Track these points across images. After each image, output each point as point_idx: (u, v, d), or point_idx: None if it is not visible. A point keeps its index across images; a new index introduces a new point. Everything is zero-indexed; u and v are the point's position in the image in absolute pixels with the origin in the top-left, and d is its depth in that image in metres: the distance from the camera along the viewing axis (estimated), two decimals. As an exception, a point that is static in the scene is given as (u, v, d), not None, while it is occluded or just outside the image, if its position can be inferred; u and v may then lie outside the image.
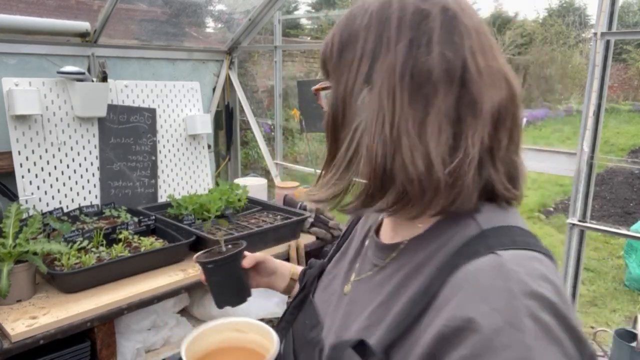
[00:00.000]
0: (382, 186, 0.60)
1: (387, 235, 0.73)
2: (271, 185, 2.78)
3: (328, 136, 0.68)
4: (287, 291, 1.09)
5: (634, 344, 1.93)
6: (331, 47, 0.66)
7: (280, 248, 2.04)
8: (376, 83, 0.60)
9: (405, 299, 0.61)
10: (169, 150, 2.54)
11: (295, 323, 0.83)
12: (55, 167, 2.11)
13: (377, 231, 0.76)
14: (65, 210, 2.02)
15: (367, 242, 0.78)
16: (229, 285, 1.02)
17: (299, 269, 1.08)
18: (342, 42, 0.65)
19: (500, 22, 17.52)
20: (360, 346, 0.62)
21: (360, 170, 0.61)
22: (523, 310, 0.49)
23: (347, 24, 0.65)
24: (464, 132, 0.58)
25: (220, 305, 1.04)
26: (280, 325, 0.85)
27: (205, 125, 2.63)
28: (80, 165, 2.20)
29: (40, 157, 2.06)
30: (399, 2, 0.61)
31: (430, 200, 0.59)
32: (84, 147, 2.21)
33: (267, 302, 1.95)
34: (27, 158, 2.03)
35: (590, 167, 1.72)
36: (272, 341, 0.78)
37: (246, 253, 1.07)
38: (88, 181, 2.22)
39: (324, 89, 0.71)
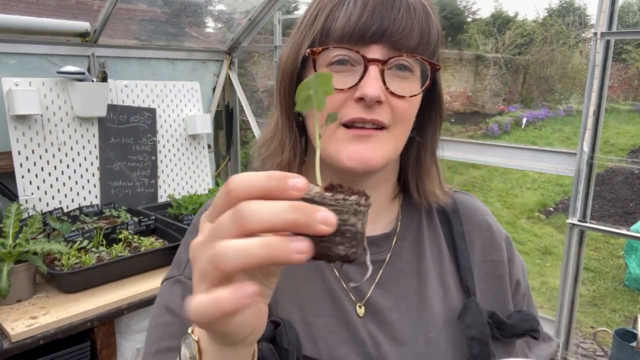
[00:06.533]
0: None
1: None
2: (271, 185, 2.77)
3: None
4: None
5: (634, 344, 1.93)
6: (437, 39, 0.63)
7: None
8: None
9: (450, 257, 0.72)
10: (169, 150, 2.54)
11: None
12: (55, 167, 2.11)
13: None
14: (65, 210, 2.02)
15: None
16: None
17: None
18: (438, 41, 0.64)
19: (500, 22, 17.52)
20: (493, 316, 0.67)
21: None
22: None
23: (435, 23, 0.63)
24: None
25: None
26: None
27: (205, 125, 2.63)
28: (80, 165, 2.19)
29: (40, 157, 2.06)
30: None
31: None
32: (84, 147, 2.21)
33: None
34: (27, 158, 2.03)
35: (590, 167, 1.72)
36: None
37: None
38: (88, 181, 2.22)
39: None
